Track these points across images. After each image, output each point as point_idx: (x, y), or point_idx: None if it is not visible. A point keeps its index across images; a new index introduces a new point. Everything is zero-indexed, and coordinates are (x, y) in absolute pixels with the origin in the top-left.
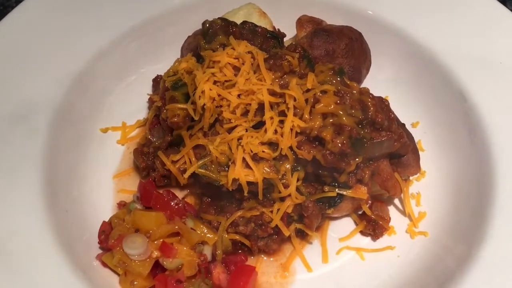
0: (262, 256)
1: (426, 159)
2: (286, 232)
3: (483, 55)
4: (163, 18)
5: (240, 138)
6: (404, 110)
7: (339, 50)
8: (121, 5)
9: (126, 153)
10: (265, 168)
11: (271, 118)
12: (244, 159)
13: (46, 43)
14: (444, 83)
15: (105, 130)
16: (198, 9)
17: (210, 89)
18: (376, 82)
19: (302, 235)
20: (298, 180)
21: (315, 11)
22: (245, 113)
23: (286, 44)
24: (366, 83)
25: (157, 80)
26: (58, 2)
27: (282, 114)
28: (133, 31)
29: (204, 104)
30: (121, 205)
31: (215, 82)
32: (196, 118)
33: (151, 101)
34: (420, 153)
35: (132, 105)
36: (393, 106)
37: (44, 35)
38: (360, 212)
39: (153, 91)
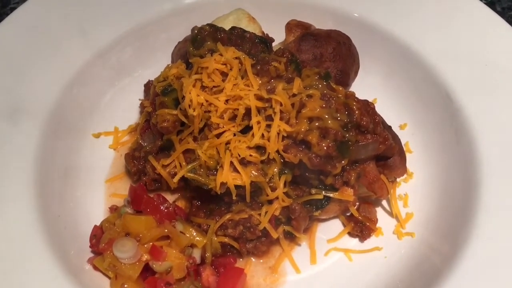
0: (251, 258)
1: (414, 161)
2: (274, 235)
3: (469, 57)
4: (155, 24)
5: (228, 143)
6: (392, 112)
7: (327, 54)
8: (113, 11)
9: (118, 157)
10: (253, 171)
11: (258, 122)
12: (232, 163)
13: (39, 48)
14: (431, 85)
15: (97, 135)
16: (189, 15)
17: (198, 95)
18: (364, 85)
19: (291, 237)
20: (285, 183)
21: (304, 15)
22: (233, 118)
23: (275, 49)
24: (355, 86)
25: (148, 86)
26: (52, 8)
27: (269, 118)
28: (126, 37)
29: (194, 109)
30: (113, 209)
31: (203, 88)
32: (190, 124)
33: (142, 106)
34: (408, 154)
35: (124, 110)
36: (382, 109)
37: (37, 41)
38: (348, 214)
39: (145, 96)
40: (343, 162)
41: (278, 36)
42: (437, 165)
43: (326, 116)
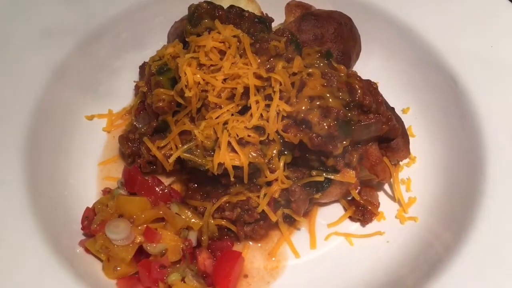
0: (249, 242)
1: (417, 145)
2: (273, 218)
3: (474, 38)
4: (152, 5)
5: (226, 123)
6: (395, 96)
7: (328, 35)
8: None
9: (112, 140)
10: (251, 152)
11: (257, 102)
12: (229, 143)
13: (32, 28)
14: (434, 68)
15: (90, 118)
16: None
17: (194, 74)
18: (366, 68)
19: (290, 221)
20: (285, 164)
21: None
22: (231, 97)
23: (274, 30)
24: (357, 69)
25: (144, 67)
26: None
27: (269, 98)
28: (121, 17)
29: (190, 90)
30: (106, 191)
31: (200, 67)
32: (187, 105)
33: (137, 88)
34: (411, 138)
35: (119, 92)
36: (384, 92)
37: (29, 20)
38: (349, 198)
39: (140, 79)
40: (344, 142)
41: (278, 17)
42: (441, 149)
43: (328, 95)
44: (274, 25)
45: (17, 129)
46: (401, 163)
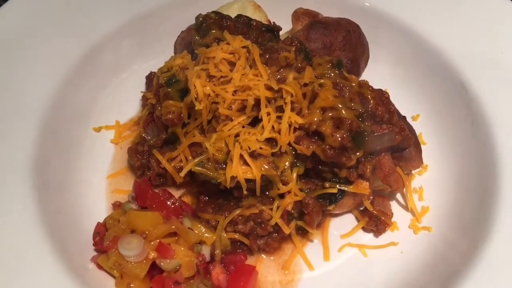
0: (262, 255)
1: (427, 153)
2: (286, 230)
3: (484, 44)
4: (157, 13)
5: (237, 135)
6: (404, 103)
7: (337, 43)
8: (113, 1)
9: (120, 152)
10: (264, 164)
11: (268, 114)
12: (241, 155)
13: (37, 41)
14: (444, 74)
15: (98, 129)
16: (192, 4)
17: (204, 86)
18: (374, 75)
19: (303, 233)
20: (297, 176)
21: (311, 3)
22: (242, 109)
23: (282, 38)
24: (365, 77)
25: (150, 77)
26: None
27: (280, 109)
28: (126, 27)
29: (201, 102)
30: (116, 205)
31: (210, 78)
32: (197, 117)
33: (144, 99)
34: (422, 146)
35: (126, 103)
36: (393, 99)
37: (34, 32)
38: (361, 208)
39: (147, 89)
40: (358, 153)
41: (285, 25)
42: (453, 157)
43: (340, 106)
44: (281, 32)
45: (24, 144)
46: (413, 171)
